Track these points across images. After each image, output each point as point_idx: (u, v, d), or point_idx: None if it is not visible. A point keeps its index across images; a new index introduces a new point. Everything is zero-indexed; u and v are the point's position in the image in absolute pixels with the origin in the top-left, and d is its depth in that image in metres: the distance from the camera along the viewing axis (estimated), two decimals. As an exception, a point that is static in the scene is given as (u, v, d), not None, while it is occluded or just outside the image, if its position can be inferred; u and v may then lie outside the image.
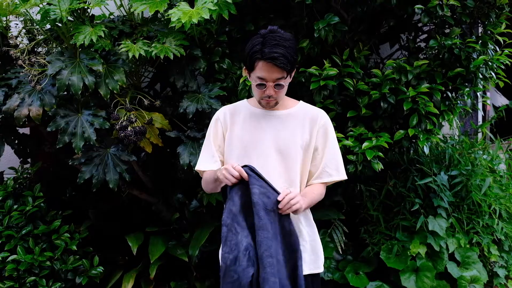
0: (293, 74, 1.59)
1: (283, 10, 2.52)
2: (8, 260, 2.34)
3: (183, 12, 2.17)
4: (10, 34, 2.44)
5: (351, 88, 2.38)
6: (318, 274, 1.67)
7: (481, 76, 2.50)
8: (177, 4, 2.25)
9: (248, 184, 1.43)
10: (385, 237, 2.66)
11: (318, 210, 1.72)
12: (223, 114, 1.68)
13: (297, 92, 2.32)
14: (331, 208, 2.65)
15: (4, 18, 2.40)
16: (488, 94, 3.35)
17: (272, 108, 1.62)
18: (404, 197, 2.69)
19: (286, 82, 1.56)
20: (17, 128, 2.62)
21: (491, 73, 2.52)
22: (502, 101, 3.98)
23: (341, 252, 2.60)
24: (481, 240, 2.72)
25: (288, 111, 1.63)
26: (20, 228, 2.44)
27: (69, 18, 2.26)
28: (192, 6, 2.23)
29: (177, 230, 2.59)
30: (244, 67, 1.61)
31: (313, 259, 1.63)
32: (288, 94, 1.66)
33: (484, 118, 3.54)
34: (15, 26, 2.53)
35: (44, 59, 2.29)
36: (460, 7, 2.31)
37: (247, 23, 2.49)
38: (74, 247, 2.43)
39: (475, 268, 2.60)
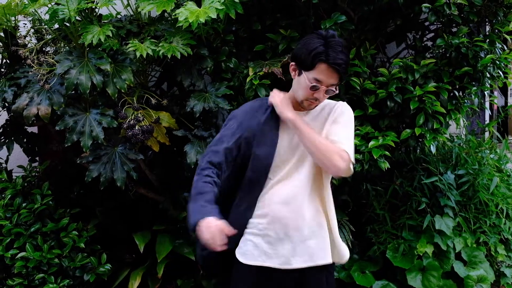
0: None
1: (290, 9, 2.53)
2: (17, 257, 2.37)
3: (190, 12, 2.18)
4: (18, 34, 2.46)
5: (358, 87, 2.38)
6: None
7: (488, 75, 2.49)
8: (184, 3, 2.26)
9: None
10: (391, 236, 2.66)
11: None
12: None
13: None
14: (336, 208, 2.65)
15: (13, 18, 2.42)
16: (495, 93, 3.33)
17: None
18: (411, 196, 2.69)
19: (337, 90, 1.55)
20: (26, 127, 2.65)
21: (498, 72, 2.51)
22: (500, 101, 3.93)
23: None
24: (488, 239, 2.72)
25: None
26: (29, 225, 2.47)
27: (77, 17, 2.28)
28: (199, 5, 2.23)
29: (184, 229, 2.60)
30: (294, 64, 1.56)
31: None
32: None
33: (491, 117, 3.52)
34: (24, 25, 2.55)
35: (53, 58, 2.30)
36: (467, 5, 2.30)
37: (254, 23, 2.49)
38: (82, 245, 2.45)
39: (482, 268, 2.59)
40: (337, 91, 1.55)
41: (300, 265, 1.56)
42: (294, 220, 1.56)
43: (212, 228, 1.34)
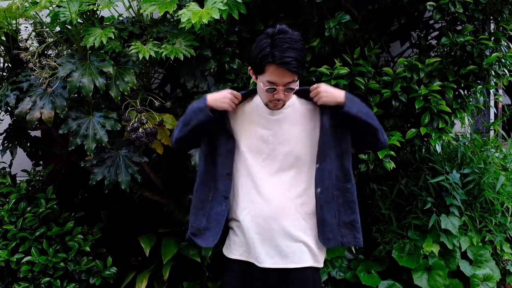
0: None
1: (293, 9, 2.50)
2: (22, 261, 2.37)
3: (193, 13, 2.16)
4: (20, 37, 2.44)
5: (362, 87, 2.36)
6: (319, 269, 1.68)
7: (493, 74, 2.47)
8: (187, 4, 2.24)
9: None
10: (397, 236, 2.66)
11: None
12: None
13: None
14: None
15: (14, 21, 2.40)
16: (500, 91, 3.31)
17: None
18: (416, 196, 2.68)
19: (296, 85, 1.52)
20: (29, 131, 2.64)
21: (504, 70, 2.49)
22: (505, 100, 3.89)
23: (354, 252, 2.60)
24: (494, 238, 2.71)
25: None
26: (34, 230, 2.47)
27: (79, 20, 2.26)
28: (201, 6, 2.21)
29: (189, 231, 2.60)
30: (250, 68, 1.56)
31: (316, 253, 1.64)
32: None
33: (496, 115, 3.51)
34: (25, 29, 2.53)
35: (55, 61, 2.29)
36: (472, 3, 2.28)
37: (257, 23, 2.47)
38: (87, 248, 2.45)
39: (487, 267, 2.58)
40: (297, 87, 1.52)
41: (270, 265, 1.60)
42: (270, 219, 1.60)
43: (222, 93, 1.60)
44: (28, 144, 2.64)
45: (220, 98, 1.58)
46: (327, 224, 1.61)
